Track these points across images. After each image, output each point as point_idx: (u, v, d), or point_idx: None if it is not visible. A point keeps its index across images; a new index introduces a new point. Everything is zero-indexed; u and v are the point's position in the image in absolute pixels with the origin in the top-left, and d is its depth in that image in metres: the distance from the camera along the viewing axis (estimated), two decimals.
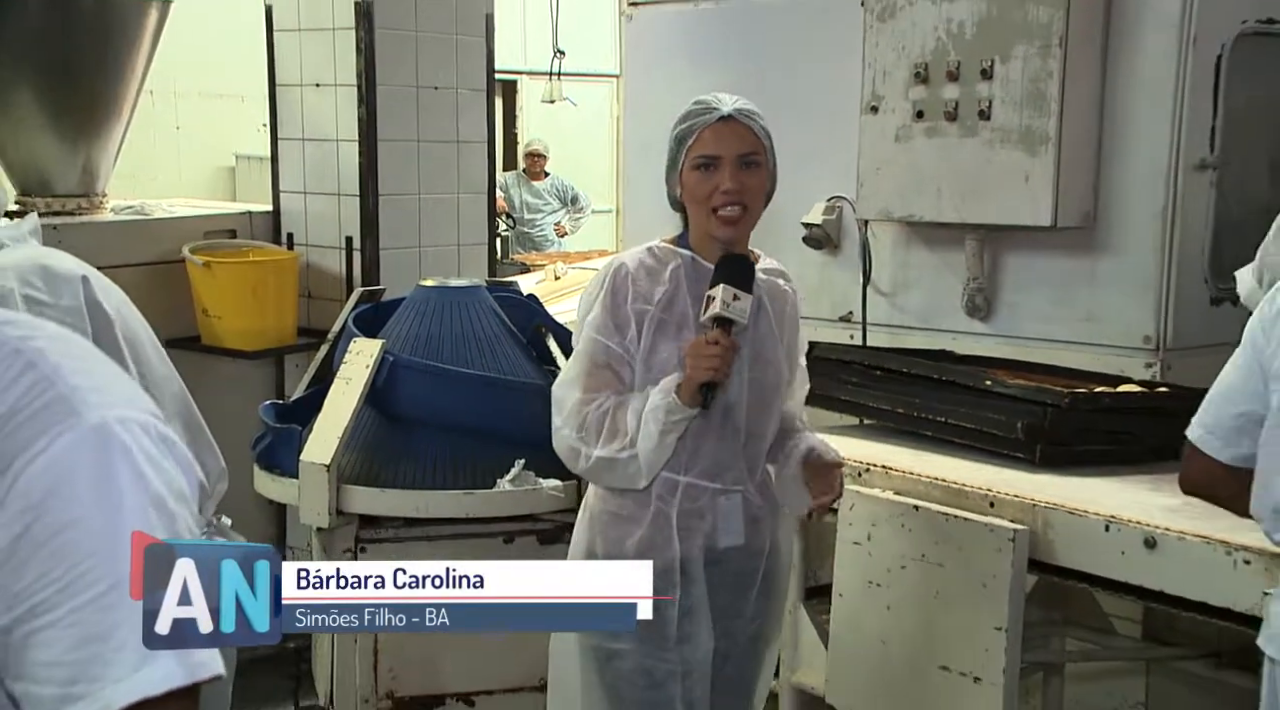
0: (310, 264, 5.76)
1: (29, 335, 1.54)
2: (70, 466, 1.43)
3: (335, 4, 5.55)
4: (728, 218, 3.07)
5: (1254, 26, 4.82)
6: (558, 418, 3.10)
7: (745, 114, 3.09)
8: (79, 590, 1.40)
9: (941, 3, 4.87)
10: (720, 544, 3.15)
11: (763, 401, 3.19)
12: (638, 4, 6.03)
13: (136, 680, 1.39)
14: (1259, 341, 2.90)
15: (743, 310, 2.94)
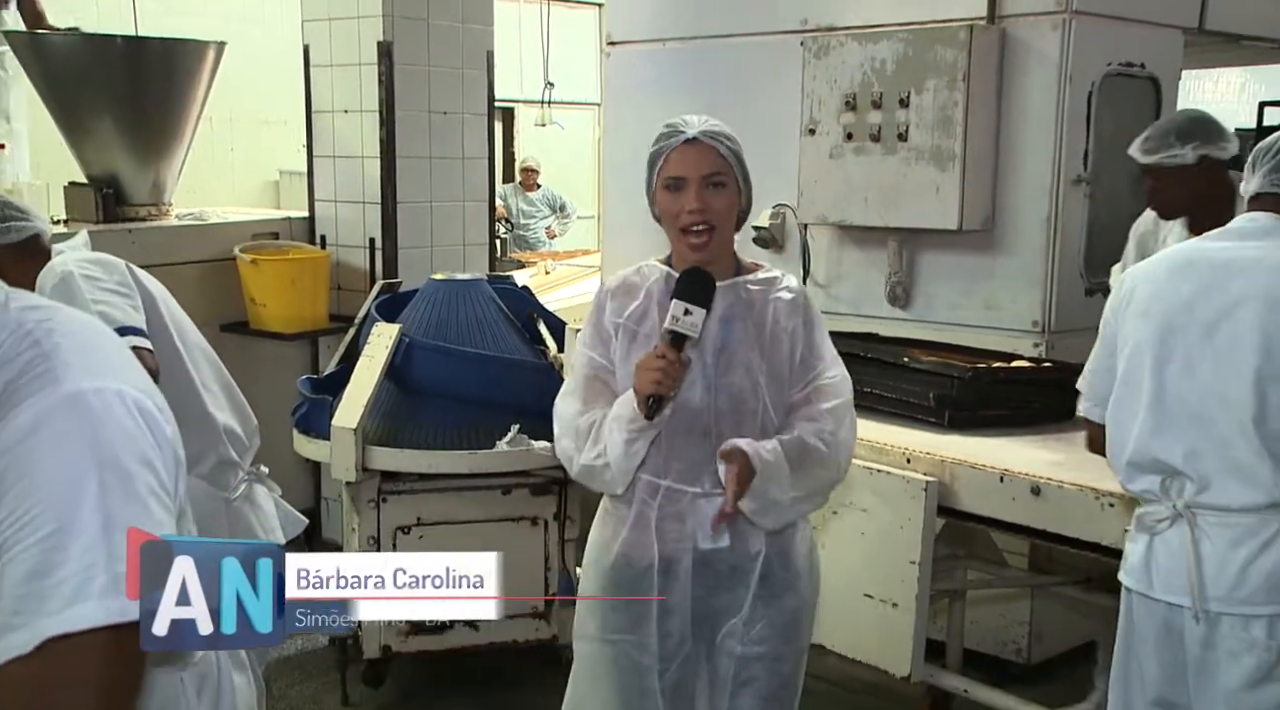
0: (340, 261, 5.78)
1: (45, 319, 1.56)
2: (38, 424, 1.43)
3: (361, 43, 5.55)
4: (695, 243, 2.73)
5: (1118, 69, 4.89)
6: (557, 428, 2.86)
7: (710, 136, 2.75)
8: (31, 531, 1.39)
9: (867, 44, 4.90)
10: (703, 545, 2.78)
11: (735, 407, 2.78)
12: (615, 43, 6.02)
13: (65, 616, 1.35)
14: (1110, 324, 2.97)
15: (693, 325, 2.60)
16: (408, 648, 4.68)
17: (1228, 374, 2.72)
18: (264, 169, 10.30)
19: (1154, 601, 2.81)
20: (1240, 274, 2.78)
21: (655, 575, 2.79)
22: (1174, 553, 2.76)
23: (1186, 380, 2.75)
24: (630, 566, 2.81)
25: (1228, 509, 2.71)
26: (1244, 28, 5.50)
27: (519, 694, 4.82)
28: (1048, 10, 4.73)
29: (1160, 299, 2.82)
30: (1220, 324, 2.75)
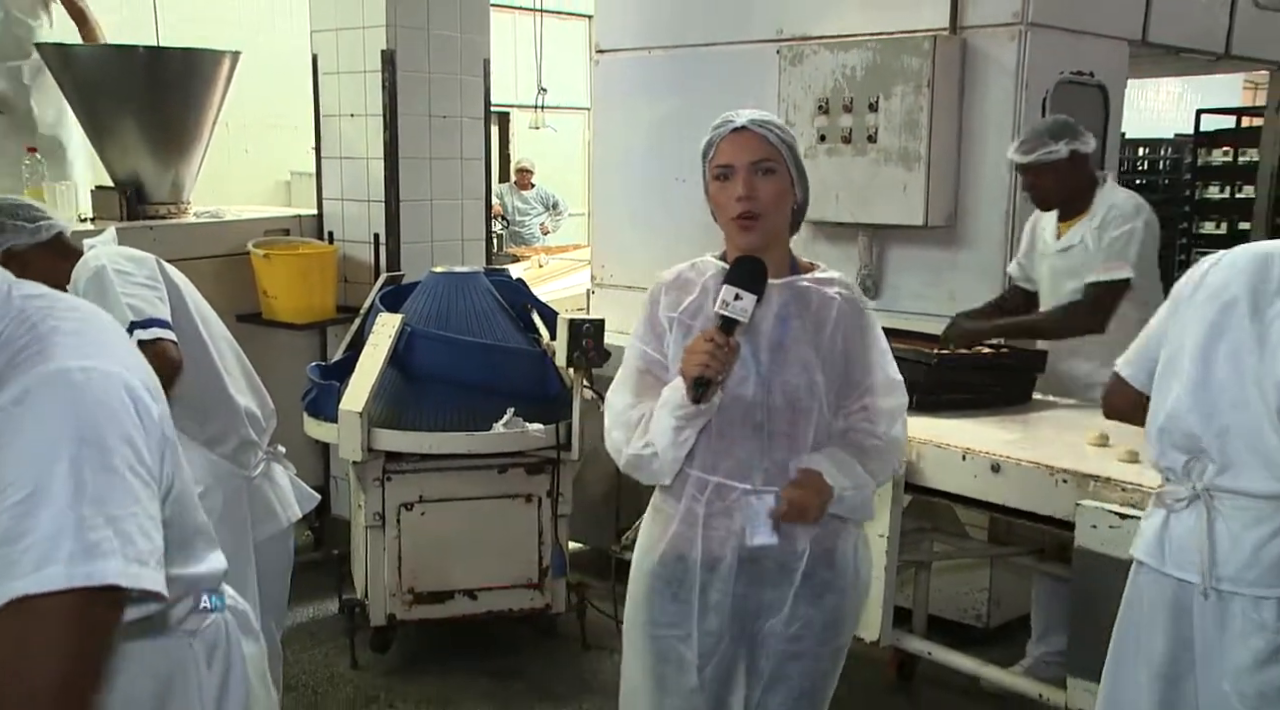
0: (346, 255, 5.74)
1: (45, 306, 1.55)
2: (22, 397, 1.42)
3: (366, 52, 5.51)
4: (744, 226, 2.54)
5: (1069, 77, 4.92)
6: (608, 419, 2.69)
7: (759, 123, 2.56)
8: (7, 497, 1.37)
9: (838, 52, 4.90)
10: (750, 542, 2.61)
11: (790, 404, 2.59)
12: (604, 51, 6.02)
13: (31, 578, 1.32)
14: (1182, 298, 2.79)
15: (743, 310, 2.41)
16: (411, 616, 4.68)
17: (1272, 366, 2.59)
18: (276, 170, 10.28)
19: (1165, 577, 2.70)
20: None
21: (700, 571, 2.64)
22: (1189, 530, 2.66)
23: (1231, 365, 2.63)
24: (680, 561, 2.66)
25: (1247, 493, 2.60)
26: (1182, 41, 5.55)
27: (514, 659, 4.82)
28: (1005, 22, 4.75)
29: (1226, 286, 2.68)
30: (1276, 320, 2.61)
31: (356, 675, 4.67)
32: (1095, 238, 4.27)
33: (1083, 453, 3.53)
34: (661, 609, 2.70)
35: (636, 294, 5.73)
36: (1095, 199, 4.32)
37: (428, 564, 4.66)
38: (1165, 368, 2.75)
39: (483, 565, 4.70)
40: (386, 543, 4.61)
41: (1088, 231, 4.29)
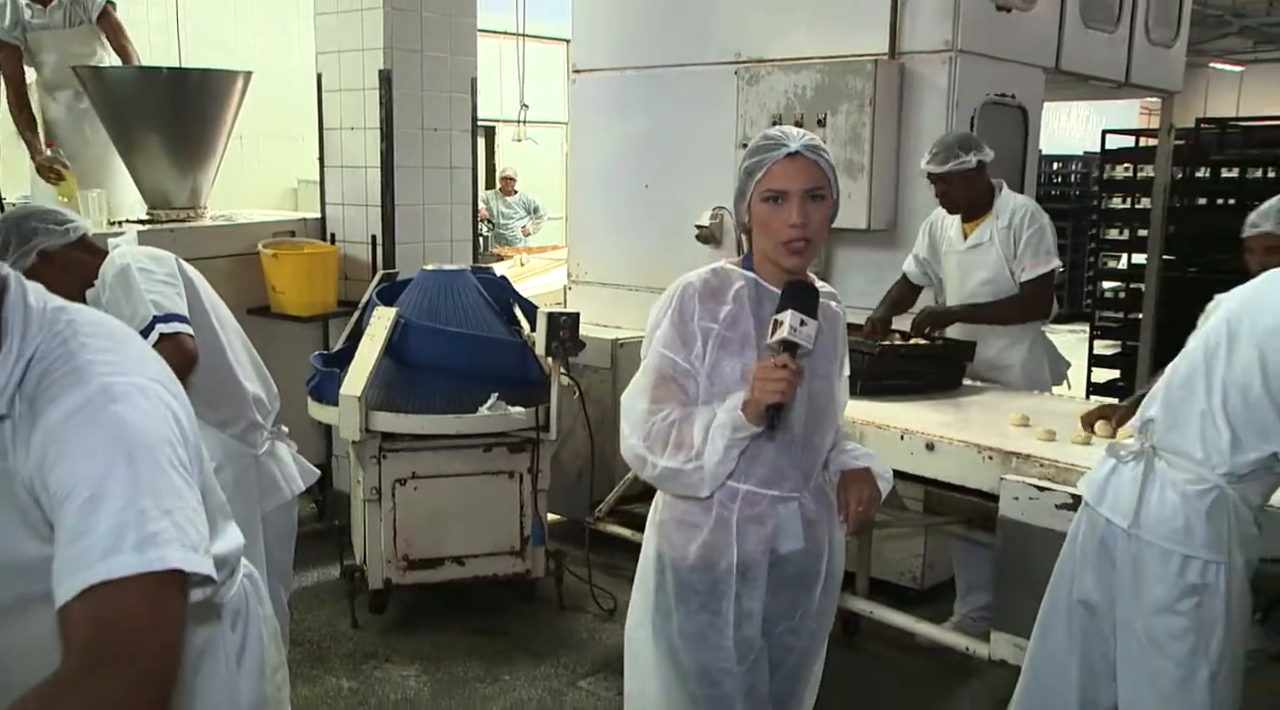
0: (346, 255, 5.69)
1: (70, 320, 1.54)
2: (74, 414, 1.42)
3: (365, 72, 5.49)
4: (796, 252, 2.34)
5: (994, 98, 4.95)
6: (625, 426, 2.41)
7: (811, 150, 2.35)
8: (70, 500, 1.38)
9: (791, 73, 4.88)
10: (781, 548, 2.45)
11: (817, 415, 2.45)
12: (580, 71, 5.98)
13: (101, 567, 1.32)
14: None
15: (809, 335, 2.26)
16: (406, 580, 4.66)
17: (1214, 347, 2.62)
18: (285, 178, 10.22)
19: (1099, 515, 2.75)
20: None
21: (734, 578, 2.43)
22: (1129, 480, 2.69)
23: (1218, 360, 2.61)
24: (709, 571, 2.43)
25: (1186, 455, 2.62)
26: (1090, 70, 5.62)
27: (498, 618, 4.80)
28: (938, 49, 4.76)
29: (1238, 300, 2.67)
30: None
31: (356, 633, 4.64)
32: (1003, 236, 4.36)
33: (1006, 433, 3.55)
34: (688, 618, 2.46)
35: (610, 289, 5.85)
36: (995, 202, 4.40)
37: (420, 533, 4.63)
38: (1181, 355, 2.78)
39: (470, 535, 4.68)
40: (383, 514, 4.58)
41: (994, 229, 4.38)
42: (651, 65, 5.64)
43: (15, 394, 1.45)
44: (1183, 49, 6.37)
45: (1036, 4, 5.13)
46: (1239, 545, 2.60)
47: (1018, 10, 5.02)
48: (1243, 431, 2.55)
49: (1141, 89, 6.25)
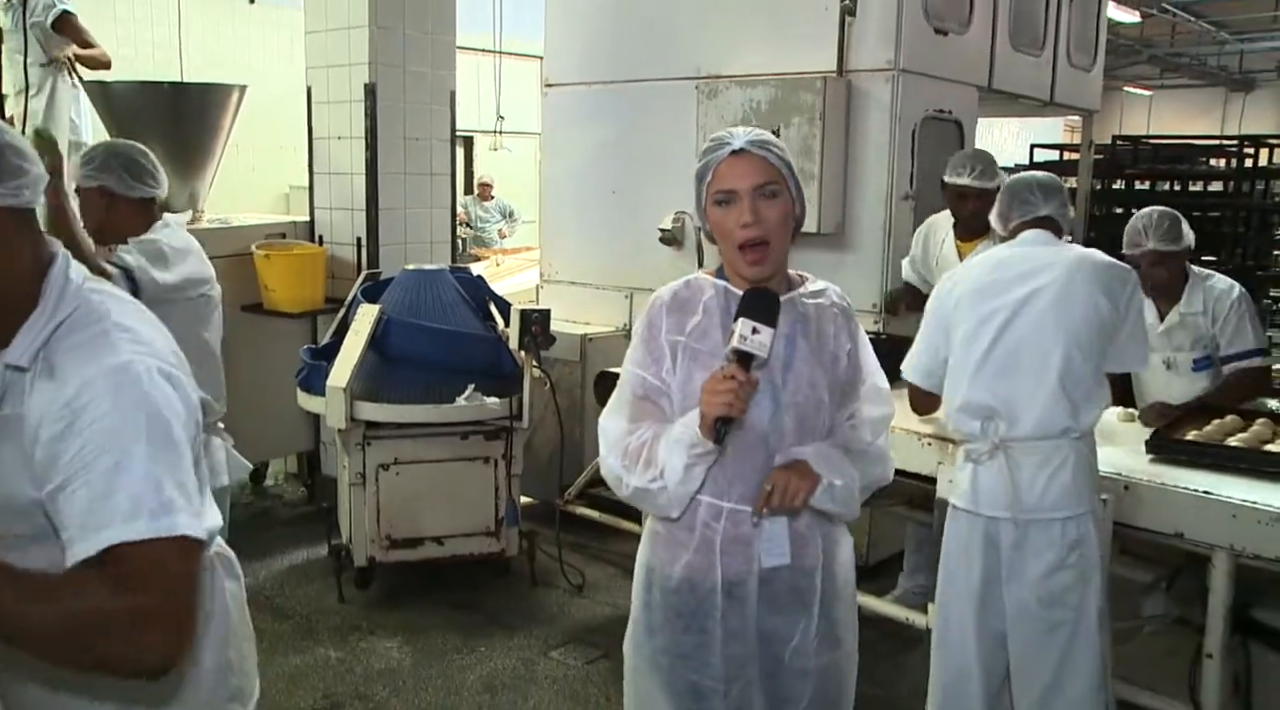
0: (333, 255, 5.62)
1: (102, 299, 1.57)
2: (100, 385, 1.45)
3: (352, 85, 5.44)
4: (753, 259, 2.02)
5: (933, 114, 4.92)
6: (603, 446, 2.12)
7: (758, 144, 2.03)
8: (95, 466, 1.42)
9: (747, 88, 4.82)
10: (766, 564, 2.09)
11: (800, 425, 2.08)
12: (552, 85, 5.90)
13: (122, 528, 1.39)
14: (937, 313, 3.00)
15: (761, 344, 1.92)
16: (389, 558, 4.61)
17: (1037, 341, 2.80)
18: (278, 184, 10.15)
19: (978, 517, 2.83)
20: (1042, 270, 2.85)
21: (720, 598, 2.10)
22: (994, 477, 2.79)
23: (1004, 347, 2.81)
24: (694, 590, 2.12)
25: (1033, 438, 2.76)
26: (1019, 88, 5.60)
27: (474, 593, 4.74)
28: (881, 68, 4.72)
29: (985, 289, 2.88)
30: (1030, 303, 2.82)
31: (343, 608, 4.58)
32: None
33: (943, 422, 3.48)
34: (673, 640, 2.14)
35: (579, 288, 5.76)
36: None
37: (402, 515, 4.58)
38: (954, 362, 2.92)
39: (448, 516, 4.62)
40: (367, 497, 4.53)
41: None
42: (618, 80, 5.57)
43: (40, 352, 1.49)
44: (1100, 72, 6.40)
45: (970, 28, 5.11)
46: (1095, 490, 2.81)
47: (953, 34, 4.99)
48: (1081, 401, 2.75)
49: (1064, 107, 6.24)
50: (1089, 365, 2.78)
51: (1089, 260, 2.86)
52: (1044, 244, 2.93)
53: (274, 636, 4.27)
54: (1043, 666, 2.76)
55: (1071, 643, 2.73)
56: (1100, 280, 2.81)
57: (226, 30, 10.00)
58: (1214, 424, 3.33)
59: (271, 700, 3.79)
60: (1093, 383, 2.79)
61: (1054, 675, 2.75)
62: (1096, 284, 2.80)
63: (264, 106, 7.38)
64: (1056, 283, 2.81)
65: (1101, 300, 2.79)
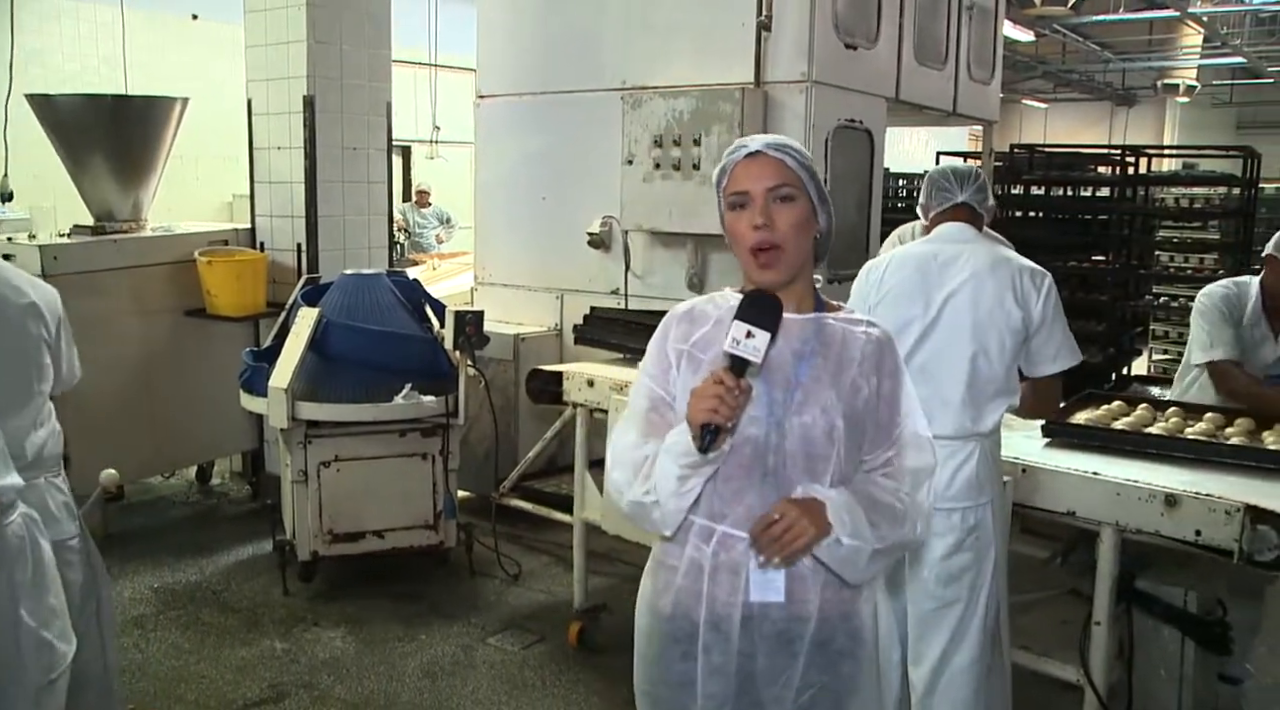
0: (274, 261, 5.52)
1: None
2: None
3: (290, 97, 5.34)
4: (763, 262, 1.81)
5: (844, 123, 4.96)
6: (610, 459, 1.90)
7: (775, 147, 1.84)
8: None
9: (670, 99, 4.82)
10: (755, 597, 1.83)
11: (806, 450, 1.81)
12: (484, 97, 5.85)
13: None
14: (869, 305, 2.89)
15: (755, 349, 1.69)
16: (331, 552, 4.54)
17: (950, 348, 2.78)
18: (222, 193, 9.95)
19: None
20: (956, 275, 2.81)
21: (703, 629, 1.86)
22: None
23: (920, 356, 2.77)
24: (686, 618, 1.88)
25: (943, 438, 2.69)
26: (924, 100, 5.66)
27: (414, 584, 4.69)
28: (795, 80, 4.75)
29: (901, 297, 2.83)
30: (945, 310, 2.79)
31: (287, 600, 4.51)
32: None
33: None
34: (669, 668, 1.92)
35: (512, 290, 5.73)
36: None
37: (343, 510, 4.51)
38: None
39: (388, 510, 4.57)
40: (309, 494, 4.46)
41: None
42: (547, 91, 5.54)
43: None
44: (998, 85, 6.50)
45: (878, 44, 5.16)
46: (997, 480, 2.81)
47: (862, 48, 5.04)
48: (985, 403, 2.75)
49: (966, 118, 6.32)
50: (997, 369, 2.76)
51: (1003, 264, 2.80)
52: (961, 240, 2.87)
53: (221, 630, 4.19)
54: (937, 640, 2.78)
55: (964, 618, 2.76)
56: (1012, 285, 2.77)
57: (170, 45, 9.79)
58: (1103, 409, 3.41)
59: (219, 691, 3.72)
60: (999, 385, 2.77)
61: (944, 648, 2.77)
62: (1008, 289, 2.76)
63: (208, 119, 7.26)
64: (968, 287, 2.77)
65: (1012, 305, 2.75)
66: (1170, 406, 3.40)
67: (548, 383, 4.24)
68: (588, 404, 4.07)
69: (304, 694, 3.72)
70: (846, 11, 4.90)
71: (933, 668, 2.79)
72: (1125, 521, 2.73)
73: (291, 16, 5.25)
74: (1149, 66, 18.91)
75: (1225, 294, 3.57)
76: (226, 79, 8.35)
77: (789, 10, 4.71)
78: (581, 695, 3.76)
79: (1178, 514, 2.64)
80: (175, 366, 5.35)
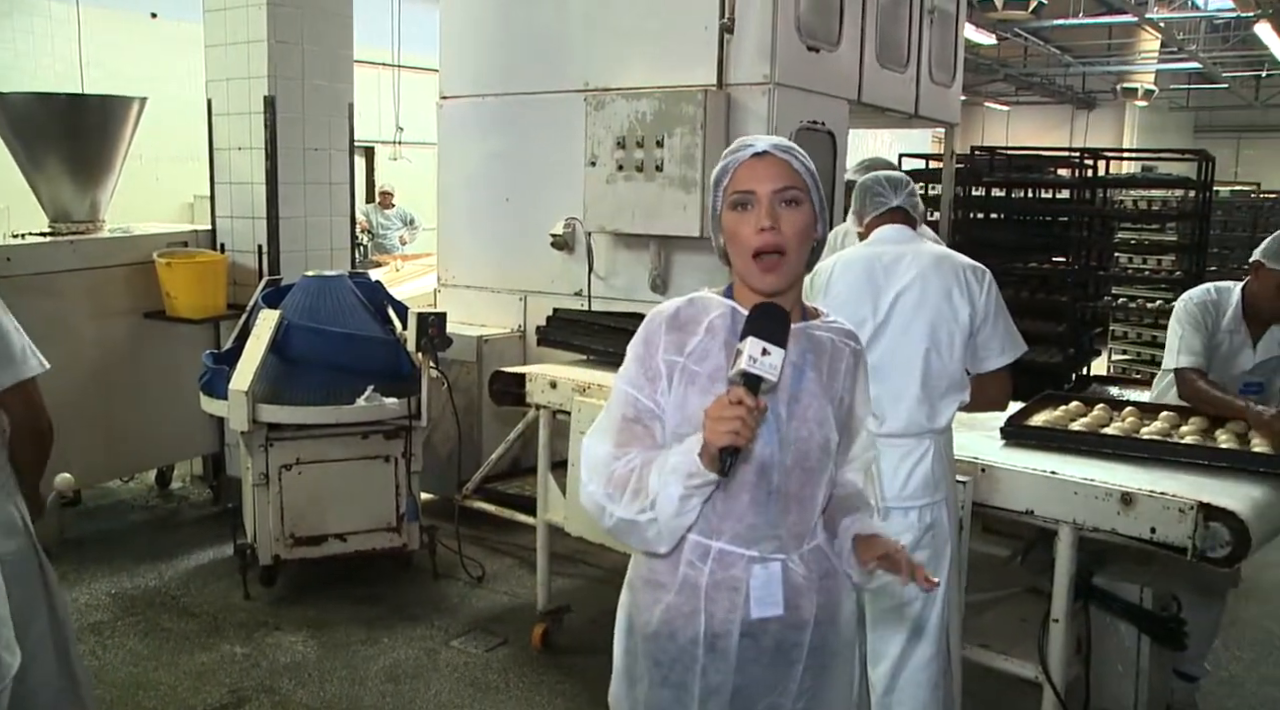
0: (235, 262, 5.46)
1: None
2: None
3: (251, 98, 5.29)
4: (766, 266, 1.74)
5: (807, 125, 4.97)
6: (585, 471, 1.80)
7: (783, 149, 1.79)
8: None
9: (633, 100, 4.82)
10: (754, 614, 1.79)
11: (806, 465, 1.80)
12: (447, 98, 5.83)
13: None
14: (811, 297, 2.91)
15: (772, 366, 1.62)
16: (293, 556, 4.49)
17: (902, 347, 2.81)
18: (183, 194, 9.86)
19: None
20: (902, 275, 2.86)
21: (700, 650, 1.80)
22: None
23: (873, 355, 2.73)
24: (673, 639, 1.82)
25: (897, 435, 2.79)
26: (886, 102, 5.70)
27: (377, 587, 4.65)
28: (758, 82, 4.77)
29: (850, 299, 2.84)
30: (894, 309, 2.83)
31: (249, 605, 4.46)
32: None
33: None
34: (652, 692, 1.86)
35: (475, 291, 5.71)
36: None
37: (305, 514, 4.46)
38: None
39: (350, 513, 4.52)
40: (270, 497, 4.41)
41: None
42: (510, 92, 5.53)
43: None
44: (959, 88, 6.56)
45: (840, 46, 5.19)
46: (951, 477, 2.85)
47: (824, 51, 5.07)
48: (938, 400, 2.79)
49: (928, 120, 6.37)
50: (949, 364, 2.81)
51: (945, 262, 2.87)
52: (901, 241, 2.93)
53: (181, 635, 4.14)
54: (895, 638, 2.81)
55: (921, 616, 2.79)
56: (957, 281, 2.83)
57: (129, 44, 9.67)
58: (1061, 410, 3.44)
59: (178, 697, 3.67)
60: (951, 381, 2.81)
61: (903, 647, 2.80)
62: (954, 285, 2.82)
63: (168, 118, 7.17)
64: (915, 286, 2.82)
65: (959, 300, 2.81)
66: (1127, 406, 3.44)
67: (510, 384, 4.23)
68: (551, 406, 4.05)
69: (265, 699, 3.68)
70: (809, 14, 4.92)
71: (892, 666, 2.80)
72: (1082, 520, 2.76)
73: (252, 16, 5.20)
74: (1108, 71, 19.19)
75: (1204, 301, 3.58)
76: (186, 78, 8.28)
77: (751, 12, 4.73)
78: (545, 697, 3.75)
79: (1133, 512, 2.68)
80: (134, 369, 5.28)
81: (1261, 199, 12.48)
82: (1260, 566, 4.98)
